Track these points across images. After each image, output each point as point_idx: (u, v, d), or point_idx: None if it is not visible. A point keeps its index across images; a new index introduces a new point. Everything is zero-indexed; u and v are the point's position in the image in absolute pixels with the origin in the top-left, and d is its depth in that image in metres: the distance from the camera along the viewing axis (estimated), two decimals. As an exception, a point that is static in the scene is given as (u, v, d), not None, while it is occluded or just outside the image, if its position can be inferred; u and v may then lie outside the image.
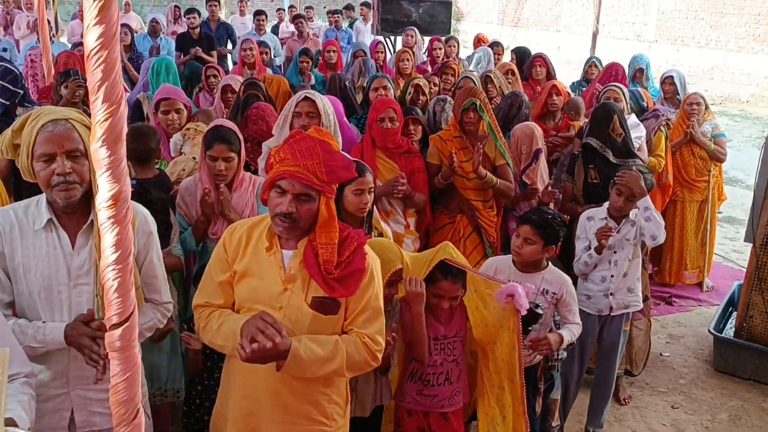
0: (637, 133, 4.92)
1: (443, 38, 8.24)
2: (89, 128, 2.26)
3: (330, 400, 2.46)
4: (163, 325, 2.59)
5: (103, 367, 2.21)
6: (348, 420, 2.58)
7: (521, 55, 7.24)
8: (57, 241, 2.30)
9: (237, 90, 5.20)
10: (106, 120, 1.56)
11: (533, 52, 7.38)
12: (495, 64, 7.33)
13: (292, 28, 12.16)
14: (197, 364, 3.11)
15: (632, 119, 5.01)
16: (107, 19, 1.53)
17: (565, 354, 3.62)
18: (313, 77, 7.19)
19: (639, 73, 6.84)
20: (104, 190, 1.63)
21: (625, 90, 5.36)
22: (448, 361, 3.06)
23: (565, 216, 4.46)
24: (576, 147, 5.02)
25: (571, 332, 3.34)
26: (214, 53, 8.94)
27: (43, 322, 2.29)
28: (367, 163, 3.48)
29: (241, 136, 3.55)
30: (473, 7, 26.31)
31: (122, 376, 1.74)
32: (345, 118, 4.66)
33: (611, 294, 3.83)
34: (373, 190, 3.21)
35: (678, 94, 6.29)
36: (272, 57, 8.63)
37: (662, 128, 5.52)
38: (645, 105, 5.74)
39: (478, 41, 8.44)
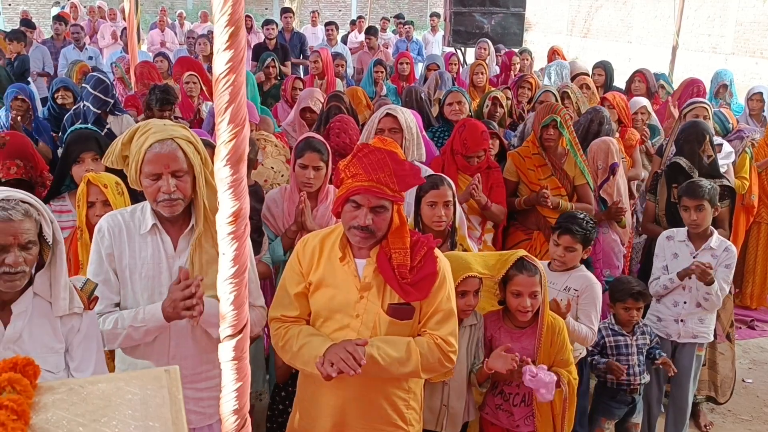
0: (727, 159, 4.80)
1: (517, 50, 8.19)
2: (192, 143, 2.36)
3: (408, 405, 2.53)
4: (260, 328, 2.67)
5: (198, 316, 2.27)
6: (422, 426, 2.65)
7: (608, 69, 7.09)
8: (161, 244, 2.43)
9: (315, 110, 5.25)
10: (230, 141, 1.63)
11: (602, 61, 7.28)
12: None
13: (361, 38, 12.32)
14: (285, 372, 3.18)
15: (725, 148, 4.88)
16: (236, 44, 1.60)
17: (647, 378, 3.56)
18: (385, 87, 7.25)
19: (722, 89, 6.63)
20: (226, 207, 1.70)
21: (712, 108, 5.22)
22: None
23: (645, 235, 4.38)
24: (657, 165, 4.92)
25: (581, 328, 3.28)
26: (288, 63, 9.13)
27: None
28: (447, 179, 3.51)
29: (329, 149, 3.63)
30: (541, 17, 26.03)
31: (233, 386, 1.80)
32: (424, 132, 4.69)
33: (681, 320, 3.76)
34: (450, 203, 3.22)
35: (764, 111, 6.08)
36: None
37: (747, 149, 5.35)
38: (730, 127, 5.58)
39: (553, 53, 8.35)
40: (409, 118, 3.87)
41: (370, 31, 9.95)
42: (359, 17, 13.37)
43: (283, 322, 2.50)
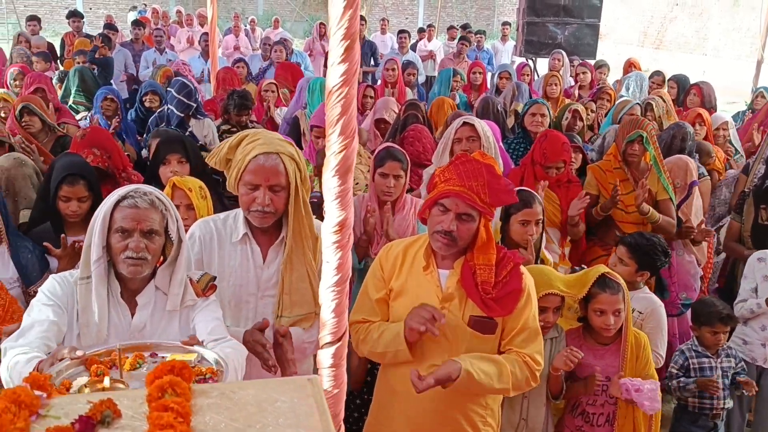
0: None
1: (593, 62, 8.06)
2: (295, 161, 2.39)
3: (485, 422, 2.51)
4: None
5: (274, 375, 2.28)
6: None
7: (682, 83, 6.93)
8: (250, 254, 2.46)
9: (389, 121, 5.28)
10: (340, 152, 1.67)
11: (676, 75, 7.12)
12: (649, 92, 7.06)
13: (430, 46, 12.33)
14: (359, 379, 3.21)
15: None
16: (351, 58, 1.63)
17: (731, 404, 3.45)
18: (458, 97, 7.24)
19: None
20: (332, 216, 1.74)
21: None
22: (610, 403, 2.97)
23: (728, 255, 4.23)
24: (743, 184, 4.75)
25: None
26: (360, 71, 9.21)
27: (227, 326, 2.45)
28: (526, 192, 3.48)
29: (408, 158, 3.65)
30: (612, 28, 25.52)
31: (330, 392, 1.83)
32: (501, 143, 4.66)
33: None
34: (540, 221, 3.20)
35: None
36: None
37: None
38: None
39: (629, 66, 8.17)
40: (485, 127, 3.87)
41: (463, 39, 9.93)
42: (429, 25, 13.38)
43: (363, 323, 2.52)
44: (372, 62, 10.34)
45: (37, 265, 2.98)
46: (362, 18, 10.81)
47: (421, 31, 13.97)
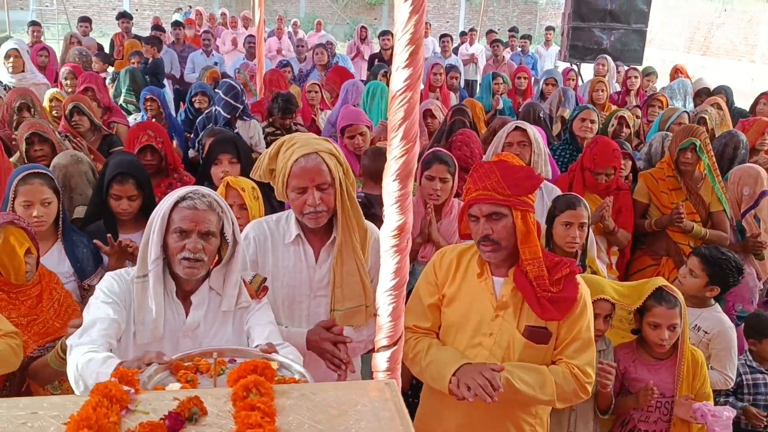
0: None
1: (641, 69, 7.93)
2: (335, 156, 2.40)
3: (534, 431, 2.48)
4: None
5: (344, 372, 2.30)
6: None
7: (728, 93, 6.77)
8: (303, 254, 2.48)
9: (436, 115, 5.31)
10: (402, 156, 1.67)
11: (724, 82, 6.91)
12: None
13: (472, 50, 12.28)
14: (406, 381, 3.19)
15: None
16: (415, 63, 1.63)
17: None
18: (501, 102, 7.19)
19: None
20: (391, 220, 1.74)
21: None
22: (663, 420, 2.90)
23: None
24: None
25: (712, 375, 3.08)
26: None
27: (285, 327, 2.46)
28: (574, 198, 3.44)
29: (456, 162, 3.64)
30: (656, 33, 25.09)
31: (385, 396, 1.82)
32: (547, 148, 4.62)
33: None
34: (585, 225, 3.15)
35: None
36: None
37: None
38: None
39: (676, 72, 8.02)
40: (537, 133, 3.84)
41: (496, 42, 9.88)
42: (471, 29, 13.35)
43: (413, 332, 2.49)
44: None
45: (92, 259, 3.05)
46: (405, 21, 10.80)
47: (462, 34, 13.92)
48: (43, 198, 2.90)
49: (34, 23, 9.12)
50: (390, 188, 1.69)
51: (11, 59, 6.08)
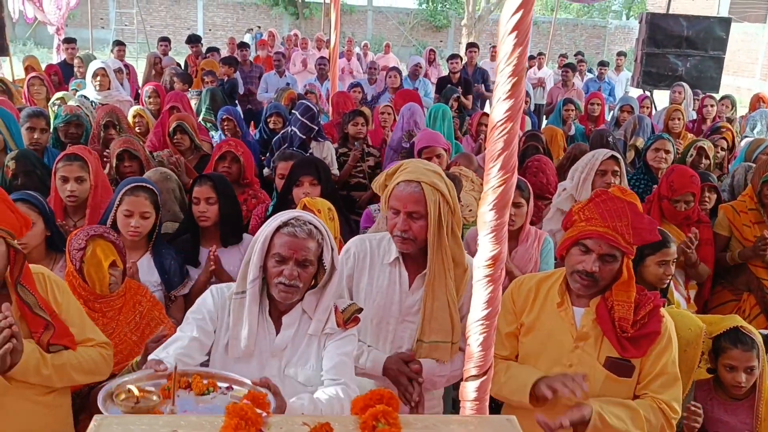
0: None
1: (718, 97, 7.72)
2: (439, 191, 2.39)
3: None
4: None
5: (415, 408, 2.32)
6: None
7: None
8: (398, 277, 2.51)
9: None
10: (499, 186, 1.68)
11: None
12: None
13: (540, 73, 12.20)
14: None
15: None
16: (517, 95, 1.64)
17: None
18: (574, 128, 7.11)
19: None
20: (485, 250, 1.75)
21: None
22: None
23: None
24: None
25: None
26: (470, 97, 9.25)
27: (368, 346, 2.50)
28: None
29: (530, 188, 3.61)
30: (730, 59, 24.39)
31: (472, 425, 1.82)
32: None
33: None
34: (675, 261, 3.09)
35: None
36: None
37: None
38: None
39: (758, 101, 7.77)
40: (624, 163, 3.78)
41: (567, 66, 9.81)
42: (540, 53, 13.26)
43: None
44: (483, 89, 10.34)
45: (178, 272, 3.21)
46: (475, 45, 10.84)
47: (531, 58, 13.86)
48: (143, 211, 3.07)
49: (118, 42, 9.55)
50: (486, 218, 1.70)
51: (98, 78, 6.39)
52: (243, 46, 10.74)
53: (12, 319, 2.01)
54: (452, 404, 3.91)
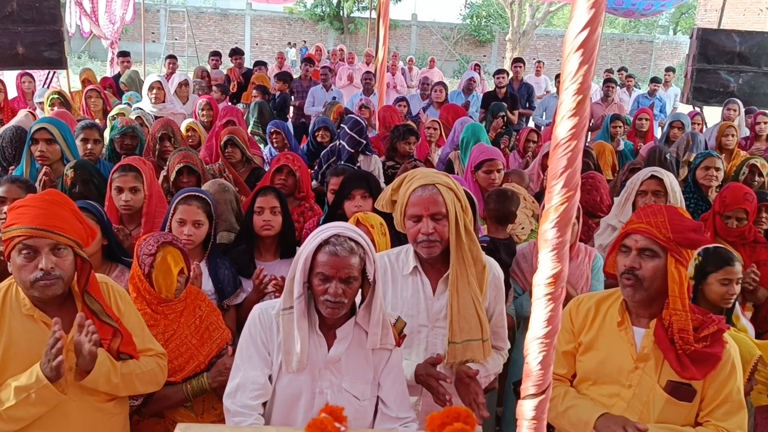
0: None
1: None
2: (453, 191, 2.43)
3: None
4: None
5: (478, 416, 2.31)
6: None
7: None
8: (420, 285, 2.54)
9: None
10: (562, 204, 1.67)
11: None
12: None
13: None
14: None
15: None
16: (581, 112, 1.64)
17: None
18: (622, 143, 7.02)
19: None
20: (546, 267, 1.74)
21: None
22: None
23: None
24: None
25: None
26: (516, 113, 9.22)
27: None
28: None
29: (580, 206, 3.59)
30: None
31: (528, 442, 1.81)
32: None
33: None
34: (740, 281, 3.01)
35: None
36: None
37: None
38: None
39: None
40: (674, 182, 3.72)
41: (609, 81, 9.70)
42: (538, 62, 13.20)
43: None
44: (527, 105, 10.29)
45: (232, 282, 3.26)
46: (521, 60, 10.81)
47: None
48: (196, 219, 3.13)
49: (171, 56, 9.78)
50: (548, 235, 1.70)
51: (155, 91, 6.57)
52: (307, 62, 10.79)
53: (62, 332, 2.05)
54: (495, 420, 3.88)
